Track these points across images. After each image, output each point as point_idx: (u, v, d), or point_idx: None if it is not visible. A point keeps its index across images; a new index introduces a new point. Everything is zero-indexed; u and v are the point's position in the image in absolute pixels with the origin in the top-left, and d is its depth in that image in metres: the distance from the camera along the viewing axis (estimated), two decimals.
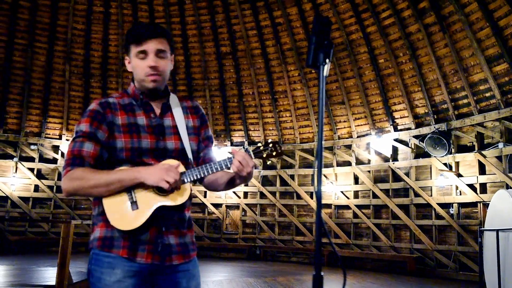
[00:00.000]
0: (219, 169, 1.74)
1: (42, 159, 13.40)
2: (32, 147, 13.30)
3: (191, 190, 1.76)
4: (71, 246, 5.52)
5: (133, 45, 1.76)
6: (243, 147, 1.79)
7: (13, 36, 12.76)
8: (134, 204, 1.65)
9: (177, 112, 1.84)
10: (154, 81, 1.75)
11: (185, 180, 1.71)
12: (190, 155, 1.80)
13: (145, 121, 1.77)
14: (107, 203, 1.66)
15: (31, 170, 13.11)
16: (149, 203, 1.66)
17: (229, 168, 1.74)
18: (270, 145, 1.79)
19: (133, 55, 1.76)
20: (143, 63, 1.74)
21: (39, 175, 13.25)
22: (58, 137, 13.67)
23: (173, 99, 1.87)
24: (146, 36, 1.74)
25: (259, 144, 1.80)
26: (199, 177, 1.73)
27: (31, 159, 13.24)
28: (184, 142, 1.80)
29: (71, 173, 1.63)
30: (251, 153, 1.76)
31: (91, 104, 1.76)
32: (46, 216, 12.93)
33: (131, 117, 1.76)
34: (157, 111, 1.81)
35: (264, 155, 1.78)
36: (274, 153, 1.78)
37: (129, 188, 1.66)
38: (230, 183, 1.85)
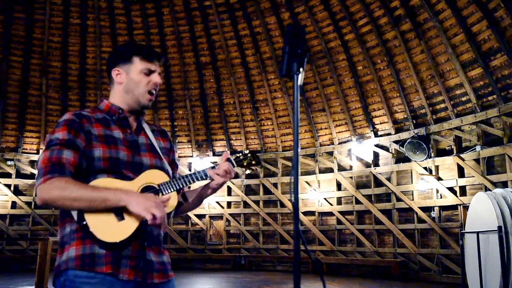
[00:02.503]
0: (199, 179, 1.78)
1: (19, 175, 13.06)
2: (9, 162, 12.96)
3: (177, 203, 1.76)
4: (50, 264, 5.36)
5: (140, 59, 1.78)
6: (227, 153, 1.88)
7: None
8: (119, 215, 1.58)
9: (149, 133, 1.87)
10: (151, 100, 1.81)
11: (167, 191, 1.71)
12: (170, 172, 1.82)
13: (121, 135, 1.75)
14: (90, 215, 1.56)
15: (8, 186, 12.77)
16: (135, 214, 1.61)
17: (207, 178, 1.79)
18: (249, 154, 1.85)
19: (138, 69, 1.78)
20: (147, 79, 1.79)
21: (16, 191, 12.90)
22: (35, 152, 13.37)
23: (143, 121, 1.90)
24: (156, 57, 1.82)
25: (239, 154, 1.86)
26: (181, 186, 1.73)
27: (8, 175, 12.90)
28: (162, 159, 1.82)
29: (52, 181, 1.52)
30: (233, 161, 1.82)
31: (64, 115, 1.69)
32: (24, 234, 12.58)
33: (107, 130, 1.72)
34: (133, 128, 1.82)
35: (245, 163, 1.85)
36: (253, 162, 1.86)
37: None
38: (199, 198, 1.93)
